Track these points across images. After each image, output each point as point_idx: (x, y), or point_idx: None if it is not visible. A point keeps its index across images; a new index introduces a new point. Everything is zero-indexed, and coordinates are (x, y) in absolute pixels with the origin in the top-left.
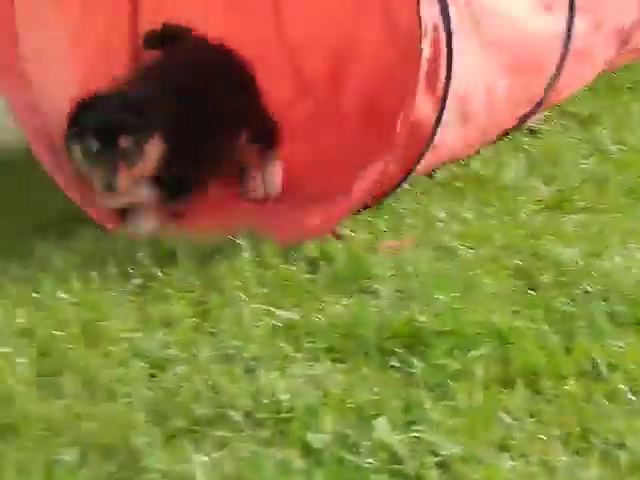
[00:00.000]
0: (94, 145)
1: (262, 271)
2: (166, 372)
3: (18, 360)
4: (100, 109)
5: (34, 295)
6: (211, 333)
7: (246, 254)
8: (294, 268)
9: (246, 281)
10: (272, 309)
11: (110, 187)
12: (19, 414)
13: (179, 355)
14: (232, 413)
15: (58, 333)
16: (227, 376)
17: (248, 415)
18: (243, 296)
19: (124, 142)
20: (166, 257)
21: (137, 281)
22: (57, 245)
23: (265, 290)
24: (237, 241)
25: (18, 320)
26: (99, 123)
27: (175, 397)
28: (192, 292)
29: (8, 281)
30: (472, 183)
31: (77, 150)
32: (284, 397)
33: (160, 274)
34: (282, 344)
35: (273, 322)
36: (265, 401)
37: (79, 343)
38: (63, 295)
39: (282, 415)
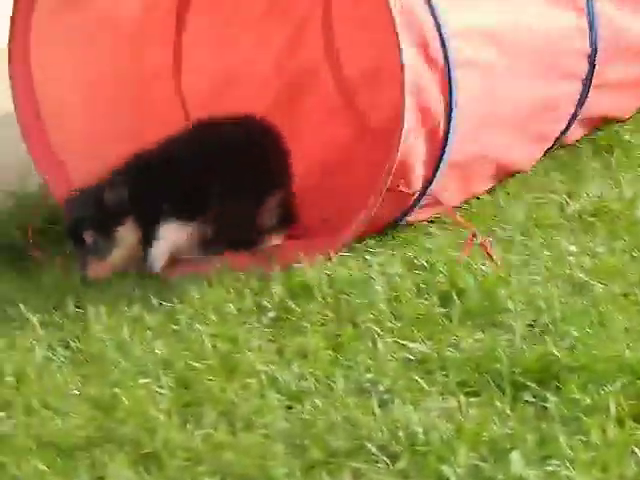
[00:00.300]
0: (69, 242)
1: (396, 305)
2: (302, 404)
3: (158, 390)
4: (74, 206)
5: (173, 327)
6: (346, 366)
7: (379, 288)
8: (427, 302)
9: (380, 315)
10: (406, 343)
11: (85, 279)
12: (161, 443)
13: (315, 387)
14: (368, 445)
15: (196, 364)
16: (362, 409)
17: (383, 448)
18: (377, 329)
19: (88, 237)
20: (300, 290)
21: (272, 314)
22: (193, 279)
23: (399, 324)
24: (370, 276)
25: (157, 351)
26: (70, 222)
27: (312, 429)
28: (326, 325)
29: (147, 313)
30: (603, 217)
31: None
32: (419, 430)
33: (295, 307)
34: (416, 377)
35: (407, 355)
36: (400, 434)
37: (217, 375)
38: (200, 327)
39: (417, 448)
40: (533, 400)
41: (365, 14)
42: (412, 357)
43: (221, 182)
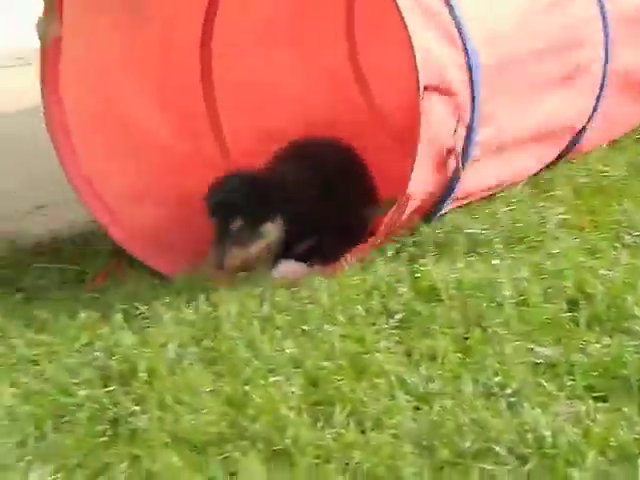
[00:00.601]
0: (214, 224)
1: (523, 309)
2: (431, 405)
3: (288, 389)
4: (224, 190)
5: (302, 327)
6: (474, 369)
7: (507, 293)
8: (554, 307)
9: (508, 318)
10: (533, 346)
11: (219, 266)
12: (292, 441)
13: (443, 389)
14: (496, 447)
15: (326, 364)
16: (490, 411)
17: (512, 450)
18: (505, 333)
19: (235, 225)
20: (427, 293)
21: (399, 316)
22: (321, 282)
23: (526, 328)
24: (497, 280)
25: (287, 350)
26: (217, 204)
27: (440, 430)
28: (454, 328)
29: (277, 313)
30: None
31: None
32: (547, 433)
33: (422, 309)
34: (543, 381)
35: (534, 359)
36: (528, 437)
37: (346, 374)
38: (329, 328)
39: (545, 451)
40: None
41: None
42: (540, 361)
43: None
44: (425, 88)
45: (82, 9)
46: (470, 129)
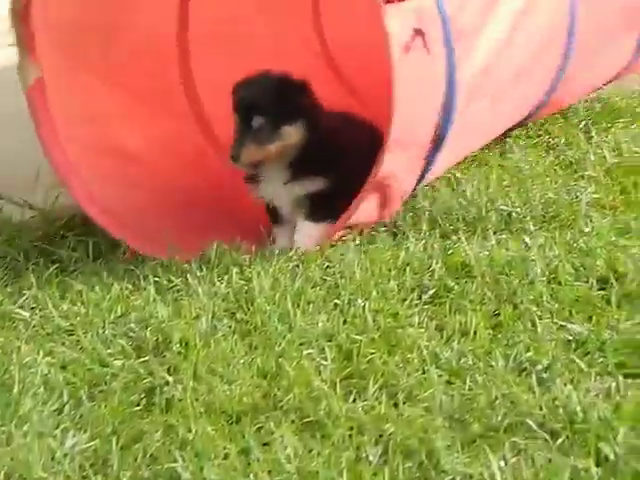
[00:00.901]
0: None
1: (554, 287)
2: (463, 380)
3: (321, 361)
4: (250, 87)
5: (335, 301)
6: (505, 344)
7: (539, 270)
8: (585, 285)
9: (539, 296)
10: (564, 324)
11: (234, 158)
12: (325, 413)
13: (475, 364)
14: (528, 422)
15: (359, 337)
16: (522, 386)
17: (543, 425)
18: (536, 310)
19: (256, 122)
20: (459, 269)
21: (432, 292)
22: (355, 252)
23: (557, 305)
24: (529, 257)
25: (320, 324)
26: (243, 102)
27: (472, 404)
28: (486, 304)
29: (309, 286)
30: None
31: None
32: (577, 408)
33: (454, 286)
34: (574, 358)
35: (565, 336)
36: (559, 412)
37: (379, 348)
38: (362, 302)
39: (576, 426)
40: None
41: None
42: (571, 338)
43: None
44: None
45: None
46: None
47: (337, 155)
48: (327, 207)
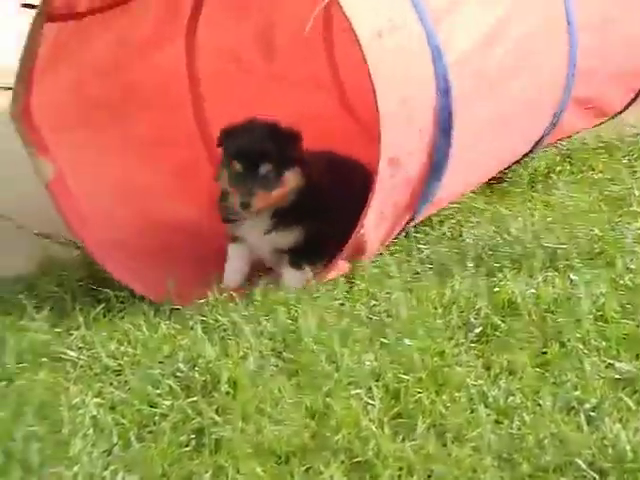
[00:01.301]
0: (238, 168)
1: (601, 324)
2: (511, 419)
3: (369, 401)
4: (253, 135)
5: (381, 340)
6: (553, 383)
7: (585, 308)
8: (632, 322)
9: (586, 334)
10: (612, 362)
11: (245, 205)
12: (374, 453)
13: (523, 403)
14: (577, 461)
15: (406, 377)
16: (570, 425)
17: (592, 464)
18: (583, 348)
19: (264, 169)
20: (506, 307)
21: (478, 330)
22: (401, 290)
23: (605, 343)
24: (576, 294)
25: (367, 363)
26: (245, 148)
27: (521, 443)
28: (533, 342)
29: (356, 325)
30: None
31: (224, 171)
32: (627, 448)
33: (501, 324)
34: (623, 396)
35: (613, 375)
36: (609, 451)
37: (426, 387)
38: (409, 341)
39: (626, 465)
40: None
41: None
42: (619, 376)
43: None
44: None
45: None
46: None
47: (320, 202)
48: (310, 254)
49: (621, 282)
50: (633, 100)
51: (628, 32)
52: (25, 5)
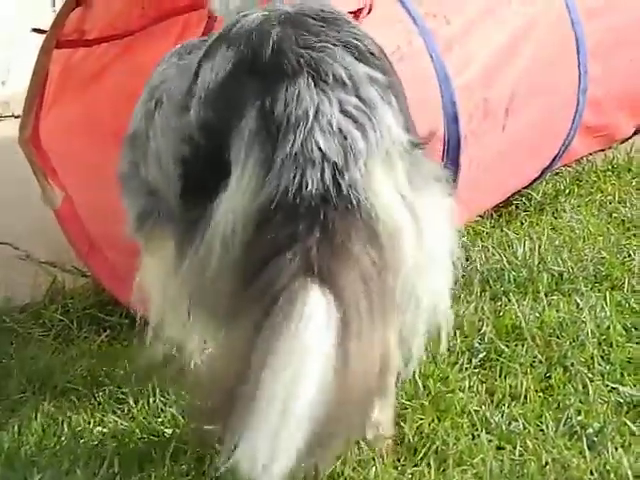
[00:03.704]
0: None
1: (606, 348)
2: (513, 445)
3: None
4: None
5: None
6: (556, 408)
7: (590, 332)
8: (637, 346)
9: (590, 358)
10: (616, 386)
11: None
12: (375, 478)
13: (526, 429)
14: None
15: (409, 403)
16: (573, 450)
17: None
18: (587, 373)
19: None
20: (510, 332)
21: (482, 355)
22: None
23: (609, 367)
24: (580, 318)
25: None
26: None
27: (523, 469)
28: (536, 367)
29: None
30: None
31: None
32: (629, 473)
33: (505, 349)
34: (626, 421)
35: (617, 399)
36: (611, 476)
37: (429, 414)
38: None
39: None
40: None
41: None
42: (622, 401)
43: None
44: None
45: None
46: None
47: None
48: None
49: (627, 305)
50: None
51: (636, 55)
52: (35, 30)
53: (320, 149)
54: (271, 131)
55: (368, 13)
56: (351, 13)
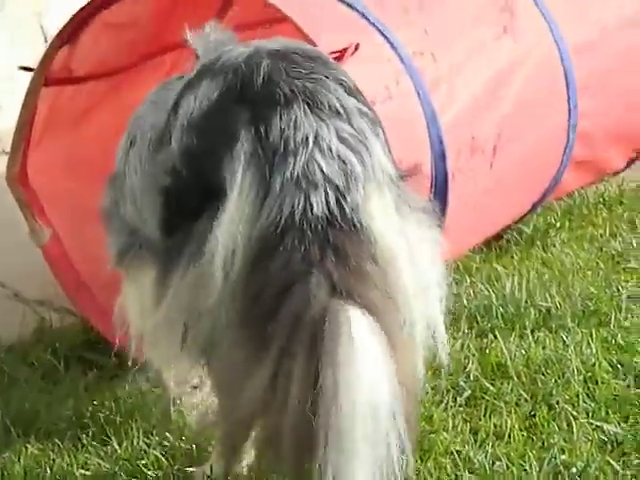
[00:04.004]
0: None
1: (591, 385)
2: None
3: None
4: None
5: None
6: (540, 447)
7: (575, 369)
8: (623, 383)
9: (575, 395)
10: (601, 424)
11: None
12: None
13: (509, 468)
14: None
15: None
16: None
17: None
18: (572, 411)
19: None
20: (495, 369)
21: (467, 394)
22: None
23: (594, 405)
24: (566, 355)
25: None
26: None
27: None
28: (521, 405)
29: None
30: None
31: None
32: None
33: (490, 387)
34: (609, 460)
35: (602, 437)
36: None
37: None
38: None
39: None
40: None
41: None
42: (606, 439)
43: None
44: None
45: None
46: None
47: None
48: None
49: (613, 342)
50: (635, 159)
51: (628, 88)
52: (23, 68)
53: (322, 172)
54: (267, 155)
55: (352, 53)
56: (336, 52)
